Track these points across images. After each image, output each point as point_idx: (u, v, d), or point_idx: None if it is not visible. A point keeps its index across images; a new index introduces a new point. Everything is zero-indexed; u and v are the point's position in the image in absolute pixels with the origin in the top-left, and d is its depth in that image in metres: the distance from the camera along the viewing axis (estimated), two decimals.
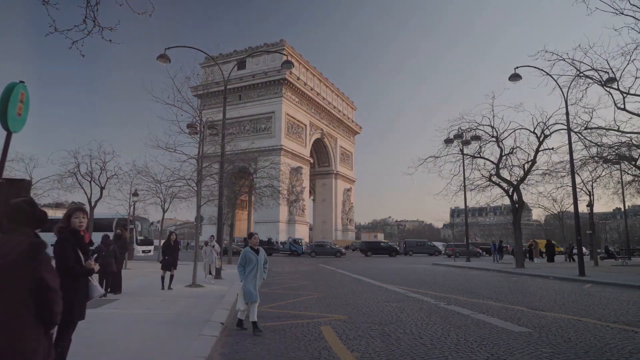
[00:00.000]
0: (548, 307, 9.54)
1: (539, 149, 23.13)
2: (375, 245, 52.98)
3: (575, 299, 11.19)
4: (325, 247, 48.70)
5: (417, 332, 6.86)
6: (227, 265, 25.92)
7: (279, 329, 7.41)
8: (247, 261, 7.38)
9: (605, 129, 17.10)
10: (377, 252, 49.16)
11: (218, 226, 17.72)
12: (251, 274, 7.25)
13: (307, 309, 9.47)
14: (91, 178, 28.83)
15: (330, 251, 46.49)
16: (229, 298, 10.76)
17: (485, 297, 11.37)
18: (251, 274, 7.25)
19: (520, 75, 19.02)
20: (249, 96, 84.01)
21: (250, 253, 7.42)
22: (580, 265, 18.62)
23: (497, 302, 10.25)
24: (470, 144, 27.24)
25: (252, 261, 7.36)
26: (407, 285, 14.34)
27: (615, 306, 9.73)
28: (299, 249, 48.59)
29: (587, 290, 13.63)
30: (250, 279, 7.22)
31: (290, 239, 53.44)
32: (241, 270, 7.38)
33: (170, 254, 12.40)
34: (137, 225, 32.42)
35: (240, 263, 7.45)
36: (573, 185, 19.16)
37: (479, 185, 26.58)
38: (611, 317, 8.22)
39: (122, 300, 10.13)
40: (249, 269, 7.29)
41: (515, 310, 8.99)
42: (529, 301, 10.53)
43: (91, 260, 4.46)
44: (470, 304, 10.00)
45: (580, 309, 9.32)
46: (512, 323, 7.49)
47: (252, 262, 7.36)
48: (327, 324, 7.62)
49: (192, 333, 6.57)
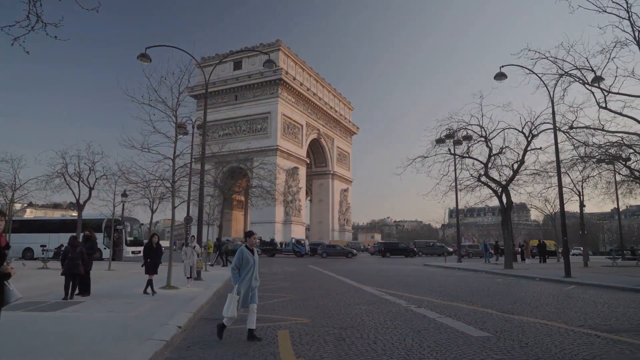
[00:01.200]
0: (520, 310, 9.35)
1: (527, 148, 22.97)
2: (394, 246, 52.91)
3: (552, 301, 10.99)
4: (337, 248, 48.96)
5: (374, 337, 6.67)
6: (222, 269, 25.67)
7: (236, 332, 7.23)
8: (243, 262, 6.55)
9: (590, 128, 16.91)
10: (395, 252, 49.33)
11: (198, 227, 17.51)
12: (247, 277, 6.51)
13: (274, 311, 9.28)
14: (79, 178, 28.65)
15: (342, 252, 46.56)
16: (199, 300, 10.57)
17: (461, 299, 11.17)
18: (247, 277, 6.51)
19: (505, 75, 18.83)
20: (245, 96, 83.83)
21: (248, 253, 6.60)
22: (566, 266, 18.43)
23: (470, 305, 10.05)
24: (462, 143, 27.07)
25: (248, 262, 6.56)
26: (386, 287, 14.15)
27: (589, 309, 9.54)
28: (302, 249, 48.31)
29: (568, 292, 13.43)
30: (245, 283, 6.50)
31: (294, 240, 53.11)
32: (235, 273, 6.54)
33: (152, 256, 11.91)
34: (126, 226, 32.25)
35: (236, 265, 6.55)
36: (559, 186, 18.96)
37: (468, 186, 26.42)
38: (580, 320, 8.02)
39: (87, 303, 9.93)
40: (245, 272, 6.52)
41: (484, 314, 8.79)
42: (503, 304, 10.34)
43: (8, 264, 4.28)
44: (441, 306, 9.80)
45: (552, 311, 9.12)
46: (474, 327, 7.29)
47: (248, 263, 6.56)
48: (286, 328, 7.43)
49: (142, 337, 6.38)
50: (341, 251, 46.83)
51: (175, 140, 13.72)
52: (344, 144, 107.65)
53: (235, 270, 6.51)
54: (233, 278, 6.54)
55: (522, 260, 31.14)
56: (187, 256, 14.97)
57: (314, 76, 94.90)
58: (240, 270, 6.53)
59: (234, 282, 6.54)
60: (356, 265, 30.77)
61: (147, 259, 11.86)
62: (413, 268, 26.69)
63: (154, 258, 11.92)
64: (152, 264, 11.77)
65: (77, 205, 29.74)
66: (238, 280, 6.48)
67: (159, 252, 12.16)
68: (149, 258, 11.86)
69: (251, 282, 6.52)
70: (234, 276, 6.52)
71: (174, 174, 13.59)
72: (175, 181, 13.71)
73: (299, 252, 47.84)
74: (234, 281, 6.54)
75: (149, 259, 11.84)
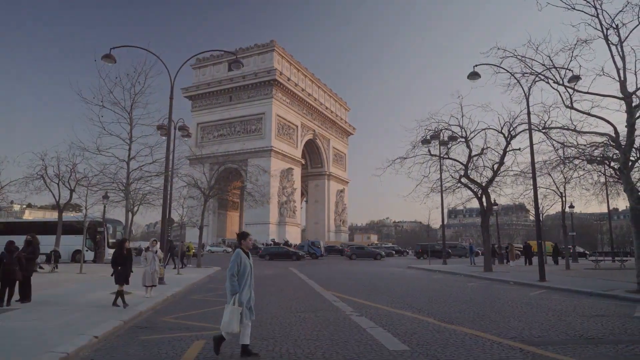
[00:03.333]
0: (463, 318, 8.97)
1: (506, 149, 22.55)
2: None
3: (505, 308, 10.60)
4: (365, 249, 48.96)
5: (286, 349, 6.35)
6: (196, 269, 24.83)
7: (151, 343, 6.95)
8: (241, 268, 5.75)
9: (563, 129, 16.50)
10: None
11: (162, 229, 17.18)
12: (246, 285, 5.75)
13: (208, 320, 8.94)
14: (59, 180, 28.33)
15: (371, 254, 46.27)
16: (140, 307, 10.23)
17: (412, 306, 10.81)
18: (246, 286, 5.75)
19: (478, 74, 18.45)
20: (240, 97, 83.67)
21: (245, 258, 5.83)
22: (540, 270, 18.03)
23: (415, 313, 9.68)
24: (449, 144, 26.67)
25: (246, 268, 5.79)
26: (348, 293, 13.78)
27: (536, 317, 9.15)
28: (318, 251, 47.90)
29: (531, 297, 13.03)
30: (246, 292, 5.73)
31: (308, 242, 53.00)
32: (235, 281, 5.67)
33: (122, 264, 10.48)
34: (108, 227, 31.96)
35: (234, 271, 5.69)
36: (534, 187, 18.54)
37: (449, 187, 26.03)
38: (516, 331, 7.65)
39: (20, 310, 9.64)
40: (243, 279, 5.73)
41: (422, 323, 8.43)
42: (451, 311, 9.97)
43: None
44: (384, 315, 9.44)
45: (495, 320, 8.74)
46: (399, 340, 6.93)
47: (246, 269, 5.78)
48: (204, 338, 7.10)
49: (41, 350, 6.06)
50: (370, 252, 46.11)
51: (130, 143, 13.43)
52: (340, 145, 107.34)
53: (234, 278, 5.67)
54: (231, 287, 5.64)
55: (506, 262, 30.85)
56: (147, 262, 13.07)
57: (310, 77, 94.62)
58: (239, 277, 5.73)
59: (233, 291, 5.63)
60: (358, 267, 30.41)
61: (117, 267, 10.54)
62: (396, 271, 26.34)
63: (124, 266, 10.55)
64: (123, 272, 10.47)
65: (57, 208, 29.44)
66: (238, 289, 5.65)
67: (129, 259, 10.75)
68: (119, 266, 10.53)
69: (251, 292, 5.84)
70: (233, 284, 5.65)
71: (128, 176, 13.29)
72: (130, 184, 13.39)
73: (314, 254, 47.21)
74: (233, 290, 5.63)
75: (119, 267, 10.53)
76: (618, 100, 14.62)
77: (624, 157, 14.27)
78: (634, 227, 13.91)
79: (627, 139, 14.33)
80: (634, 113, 14.13)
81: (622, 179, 14.58)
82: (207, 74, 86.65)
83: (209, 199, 29.41)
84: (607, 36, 14.10)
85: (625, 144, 14.37)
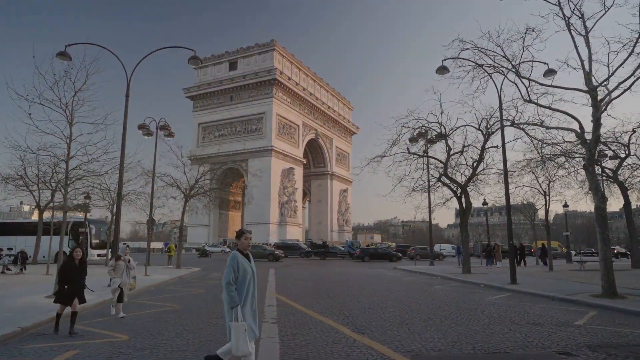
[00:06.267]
0: (378, 327, 8.35)
1: (485, 147, 21.77)
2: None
3: (441, 315, 9.93)
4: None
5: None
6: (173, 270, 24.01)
7: (25, 352, 6.49)
8: (240, 273, 4.67)
9: (529, 124, 15.74)
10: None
11: (115, 229, 16.76)
12: (249, 294, 4.70)
13: (115, 327, 8.47)
14: (38, 181, 28.24)
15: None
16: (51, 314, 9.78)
17: (342, 312, 10.21)
18: (249, 295, 4.70)
19: (447, 68, 17.70)
20: (240, 97, 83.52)
21: (244, 260, 4.77)
22: (511, 273, 17.29)
23: (336, 320, 9.09)
24: (436, 141, 25.92)
25: (246, 273, 4.71)
26: (290, 295, 13.24)
27: (466, 326, 8.48)
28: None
29: (487, 302, 12.32)
30: (249, 303, 4.70)
31: (348, 242, 52.48)
32: (233, 290, 4.59)
33: (74, 280, 8.05)
34: (91, 228, 31.82)
35: (232, 278, 4.62)
36: (505, 184, 17.73)
37: (431, 186, 25.27)
38: (421, 343, 7.02)
39: None
40: (244, 287, 4.67)
41: (329, 331, 7.84)
42: (374, 319, 9.34)
43: None
44: (302, 322, 8.87)
45: (411, 331, 8.09)
46: (279, 350, 6.37)
47: (246, 274, 4.71)
48: (76, 349, 6.63)
49: None
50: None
51: (70, 141, 13.07)
52: (344, 144, 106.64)
53: (231, 287, 4.58)
54: (230, 298, 4.55)
55: (490, 264, 30.30)
56: (116, 273, 10.25)
57: (312, 76, 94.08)
58: (238, 286, 4.64)
59: (232, 303, 4.54)
60: (341, 269, 29.84)
61: (64, 285, 8.02)
62: (375, 272, 25.67)
63: (74, 281, 8.08)
64: (72, 289, 8.02)
65: (38, 209, 29.42)
66: (238, 301, 4.56)
67: (83, 272, 8.35)
68: (66, 283, 8.02)
69: (254, 302, 4.79)
70: (232, 295, 4.55)
71: (66, 176, 12.93)
72: (68, 184, 13.02)
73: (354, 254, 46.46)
74: (232, 302, 4.54)
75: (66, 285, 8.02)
76: (584, 94, 13.82)
77: (589, 154, 13.47)
78: (599, 228, 13.11)
79: (593, 134, 13.54)
80: (599, 107, 13.34)
81: (587, 177, 13.78)
82: (208, 74, 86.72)
83: (189, 199, 29.04)
84: (570, 25, 13.32)
85: (591, 139, 13.58)
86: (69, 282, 8.04)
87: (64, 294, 8.02)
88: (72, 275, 8.10)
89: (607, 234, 12.99)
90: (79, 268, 8.26)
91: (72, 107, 13.13)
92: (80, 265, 8.33)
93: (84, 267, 8.40)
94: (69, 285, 8.02)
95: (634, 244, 26.11)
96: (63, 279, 8.11)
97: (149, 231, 29.48)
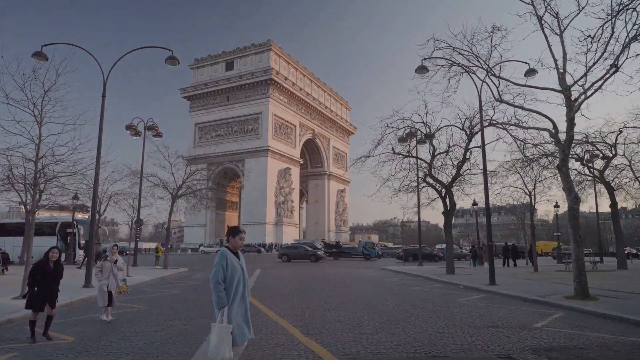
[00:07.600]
0: (330, 329, 8.26)
1: (468, 147, 21.67)
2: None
3: (403, 317, 9.83)
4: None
5: None
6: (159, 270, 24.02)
7: None
8: (229, 272, 4.41)
9: (506, 124, 15.62)
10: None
11: (91, 230, 16.72)
12: (238, 293, 4.43)
13: (67, 329, 8.40)
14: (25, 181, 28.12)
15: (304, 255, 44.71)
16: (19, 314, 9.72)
17: (304, 313, 10.12)
18: (238, 295, 4.42)
19: (427, 68, 17.59)
20: (237, 97, 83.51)
21: (233, 258, 4.50)
22: (491, 274, 17.18)
23: (290, 321, 9.00)
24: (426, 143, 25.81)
25: (236, 271, 4.45)
26: (262, 298, 13.15)
27: (422, 328, 8.38)
28: (372, 252, 47.22)
29: (457, 304, 12.20)
30: (238, 304, 4.42)
31: (362, 242, 52.46)
32: (221, 290, 4.32)
33: (47, 284, 7.55)
34: (79, 228, 31.82)
35: (220, 278, 4.34)
36: (485, 183, 17.60)
37: (416, 187, 25.15)
38: (364, 345, 6.93)
39: None
40: (233, 286, 4.40)
41: (278, 333, 7.76)
42: (329, 320, 9.25)
43: None
44: (259, 323, 8.79)
45: (361, 333, 8.01)
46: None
47: (236, 272, 4.45)
48: (15, 352, 6.55)
49: None
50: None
51: (39, 141, 13.01)
52: (341, 144, 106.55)
53: (219, 286, 4.32)
54: (218, 299, 4.30)
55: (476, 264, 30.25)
56: (103, 275, 9.61)
57: (309, 76, 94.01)
58: (227, 285, 4.38)
59: (219, 303, 4.30)
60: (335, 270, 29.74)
61: (35, 288, 7.50)
62: (362, 273, 25.55)
63: (47, 284, 7.56)
64: (44, 293, 7.50)
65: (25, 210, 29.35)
66: (227, 302, 4.32)
67: (57, 275, 7.78)
68: (37, 287, 7.51)
69: (246, 302, 4.53)
70: (219, 295, 4.30)
71: (35, 176, 12.86)
72: (38, 184, 12.96)
73: (369, 255, 46.55)
74: (219, 302, 4.30)
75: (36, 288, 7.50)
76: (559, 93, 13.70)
77: (562, 154, 13.35)
78: (572, 229, 12.98)
79: (567, 134, 13.41)
80: (573, 107, 13.22)
81: (560, 177, 13.64)
82: (204, 74, 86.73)
83: (177, 199, 28.97)
84: (543, 24, 13.21)
85: (565, 139, 13.46)
86: (39, 285, 7.49)
87: (35, 299, 7.44)
88: (45, 277, 7.53)
89: (579, 235, 12.88)
90: (53, 270, 7.65)
91: (42, 107, 13.07)
92: (55, 268, 7.72)
93: (58, 270, 7.78)
94: (40, 288, 7.48)
95: (619, 245, 25.95)
96: (33, 280, 7.52)
97: (137, 232, 29.39)
